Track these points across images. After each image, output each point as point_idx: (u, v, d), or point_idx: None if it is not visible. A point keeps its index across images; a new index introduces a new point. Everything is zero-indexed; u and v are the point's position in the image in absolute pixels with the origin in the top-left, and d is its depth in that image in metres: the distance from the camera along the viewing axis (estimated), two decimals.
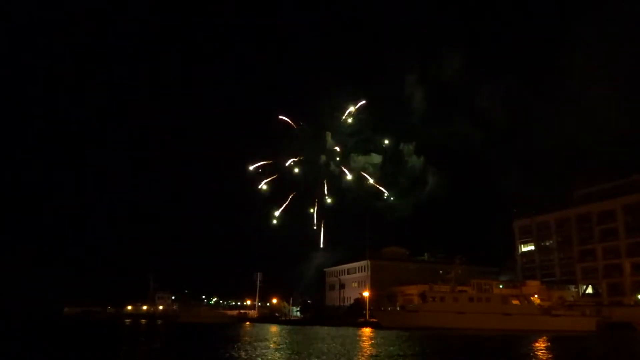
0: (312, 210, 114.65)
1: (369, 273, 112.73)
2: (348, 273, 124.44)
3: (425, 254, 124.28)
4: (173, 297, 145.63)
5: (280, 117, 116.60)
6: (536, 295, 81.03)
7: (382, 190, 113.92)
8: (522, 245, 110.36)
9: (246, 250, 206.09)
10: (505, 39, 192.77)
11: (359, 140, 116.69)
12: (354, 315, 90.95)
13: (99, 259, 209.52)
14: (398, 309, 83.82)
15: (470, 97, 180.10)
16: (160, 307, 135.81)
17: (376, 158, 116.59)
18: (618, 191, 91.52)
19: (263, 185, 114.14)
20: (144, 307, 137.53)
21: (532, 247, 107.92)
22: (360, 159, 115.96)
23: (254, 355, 30.41)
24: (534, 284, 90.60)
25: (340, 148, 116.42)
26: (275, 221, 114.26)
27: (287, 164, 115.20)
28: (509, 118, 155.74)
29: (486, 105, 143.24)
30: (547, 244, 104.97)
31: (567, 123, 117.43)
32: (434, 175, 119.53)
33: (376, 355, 31.62)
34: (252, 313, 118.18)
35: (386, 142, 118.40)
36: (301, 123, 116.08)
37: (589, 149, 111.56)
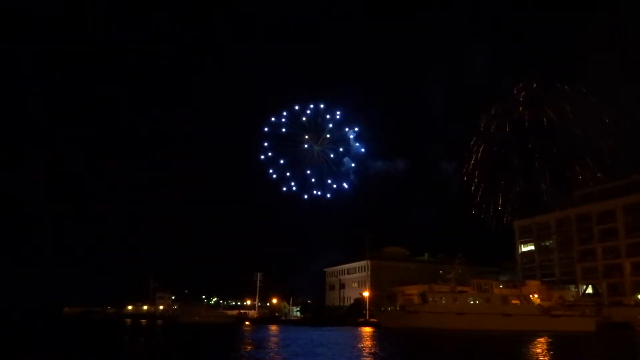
0: None
1: (369, 273, 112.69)
2: (348, 273, 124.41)
3: (425, 254, 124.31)
4: (173, 297, 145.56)
5: None
6: (536, 295, 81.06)
7: None
8: (522, 245, 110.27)
9: (246, 250, 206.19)
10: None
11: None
12: (354, 315, 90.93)
13: (99, 259, 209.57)
14: (398, 309, 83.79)
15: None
16: (161, 307, 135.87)
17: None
18: (618, 191, 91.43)
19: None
20: (145, 307, 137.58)
21: (532, 247, 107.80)
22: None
23: None
24: (534, 284, 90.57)
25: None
26: None
27: None
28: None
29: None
30: (547, 244, 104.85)
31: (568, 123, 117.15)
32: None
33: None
34: (252, 313, 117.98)
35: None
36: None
37: (589, 149, 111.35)
